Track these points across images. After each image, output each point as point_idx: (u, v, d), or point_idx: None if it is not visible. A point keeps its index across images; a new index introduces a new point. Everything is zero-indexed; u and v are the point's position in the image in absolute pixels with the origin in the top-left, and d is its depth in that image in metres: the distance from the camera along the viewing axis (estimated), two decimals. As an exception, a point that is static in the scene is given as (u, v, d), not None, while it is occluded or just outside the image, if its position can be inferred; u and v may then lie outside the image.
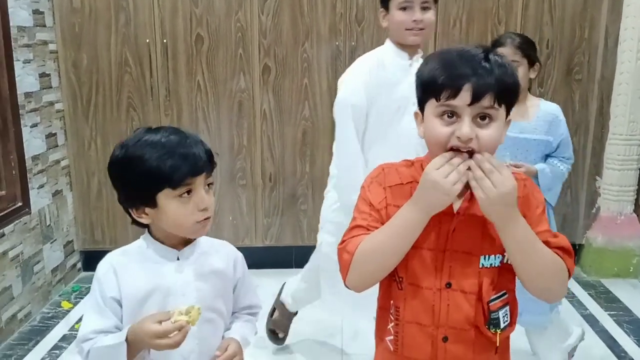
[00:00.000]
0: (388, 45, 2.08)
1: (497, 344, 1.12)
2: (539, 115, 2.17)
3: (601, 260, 3.42)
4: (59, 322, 2.92)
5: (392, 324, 1.16)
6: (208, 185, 1.21)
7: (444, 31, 3.24)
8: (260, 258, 3.47)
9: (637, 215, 3.46)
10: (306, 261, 3.50)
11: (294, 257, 3.51)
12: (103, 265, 1.23)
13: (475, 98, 1.01)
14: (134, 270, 1.21)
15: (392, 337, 1.16)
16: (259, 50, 3.21)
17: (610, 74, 3.31)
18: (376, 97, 2.02)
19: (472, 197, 1.08)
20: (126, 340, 1.13)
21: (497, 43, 2.17)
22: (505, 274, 1.13)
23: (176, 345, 1.11)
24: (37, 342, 2.72)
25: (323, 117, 3.33)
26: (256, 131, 3.33)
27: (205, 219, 1.19)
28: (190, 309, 1.12)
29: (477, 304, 1.10)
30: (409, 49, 2.04)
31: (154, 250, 1.23)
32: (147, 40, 3.19)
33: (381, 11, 2.06)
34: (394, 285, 1.15)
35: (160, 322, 1.11)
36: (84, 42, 3.19)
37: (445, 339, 1.12)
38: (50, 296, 3.14)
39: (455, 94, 1.02)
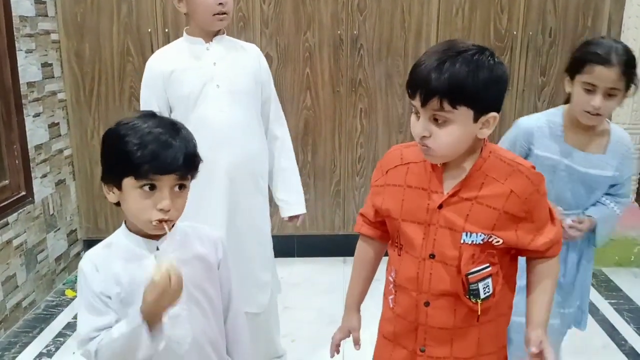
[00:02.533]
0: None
1: (479, 312, 1.21)
2: (611, 147, 1.78)
3: (602, 250, 3.41)
4: (63, 310, 2.95)
5: (391, 285, 1.32)
6: (179, 187, 1.17)
7: (447, 20, 3.23)
8: (262, 247, 3.48)
9: (639, 205, 3.46)
10: (307, 250, 3.53)
11: (296, 246, 3.53)
12: (85, 263, 1.21)
13: (424, 101, 1.11)
14: (115, 265, 1.19)
15: (392, 296, 1.32)
16: (261, 40, 3.21)
17: (613, 62, 3.29)
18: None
19: (465, 182, 1.19)
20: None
21: (600, 59, 1.66)
22: (488, 250, 1.20)
23: (178, 291, 1.08)
24: (41, 330, 2.75)
25: (325, 107, 3.33)
26: (258, 120, 3.33)
27: (161, 221, 1.14)
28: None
29: (457, 276, 1.20)
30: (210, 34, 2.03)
31: (133, 243, 1.21)
32: (149, 30, 3.19)
33: None
34: (396, 250, 1.30)
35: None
36: (86, 31, 3.19)
37: (426, 304, 1.24)
38: (55, 284, 3.17)
39: (413, 95, 1.14)
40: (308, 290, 3.13)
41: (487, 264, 1.20)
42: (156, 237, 1.21)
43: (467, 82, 1.09)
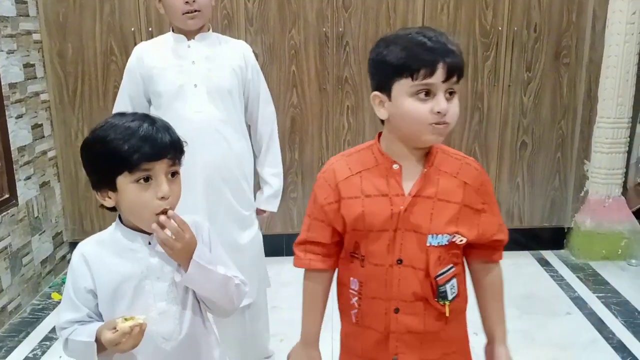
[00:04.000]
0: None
1: (447, 314, 1.21)
2: None
3: (590, 243, 3.45)
4: (49, 313, 2.91)
5: (356, 298, 1.25)
6: (172, 174, 1.18)
7: (432, 16, 3.22)
8: (250, 246, 3.47)
9: (625, 198, 3.48)
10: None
11: (285, 245, 3.51)
12: (75, 255, 1.23)
13: (449, 75, 1.10)
14: (106, 258, 1.21)
15: (355, 311, 1.26)
16: (246, 37, 3.19)
17: (598, 57, 3.31)
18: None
19: (423, 179, 1.18)
20: (96, 339, 1.15)
21: None
22: (452, 250, 1.21)
23: (132, 347, 1.12)
24: (27, 334, 2.72)
25: (312, 104, 3.32)
26: (244, 119, 3.31)
27: (163, 212, 1.15)
28: (130, 318, 1.12)
29: (426, 279, 1.19)
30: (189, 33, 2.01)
31: (125, 236, 1.21)
32: (133, 29, 3.16)
33: None
34: (357, 263, 1.23)
35: (114, 328, 1.11)
36: (69, 31, 3.15)
37: (396, 310, 1.21)
38: (40, 288, 3.13)
39: (432, 72, 1.10)
40: (297, 289, 3.08)
41: (452, 265, 1.21)
42: (149, 232, 1.21)
43: (462, 57, 1.15)
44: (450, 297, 1.20)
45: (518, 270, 3.34)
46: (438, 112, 1.10)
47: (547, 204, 3.52)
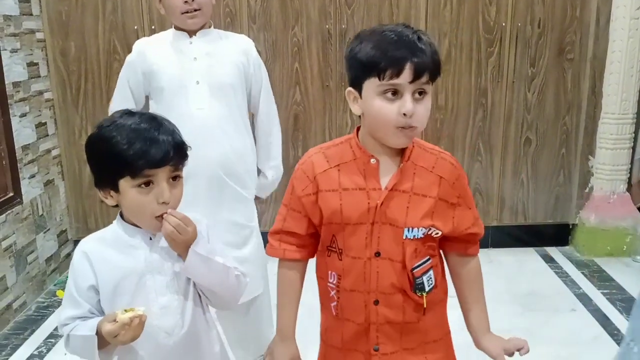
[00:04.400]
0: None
1: (425, 306, 1.22)
2: None
3: (594, 240, 3.43)
4: (54, 311, 2.92)
5: (334, 291, 1.26)
6: (173, 178, 1.19)
7: (435, 12, 3.21)
8: (254, 244, 3.47)
9: (630, 194, 3.46)
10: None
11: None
12: (77, 253, 1.24)
13: (416, 76, 1.09)
14: (107, 254, 1.22)
15: (335, 303, 1.27)
16: (249, 35, 3.16)
17: (602, 52, 3.29)
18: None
19: (399, 174, 1.19)
20: (97, 333, 1.15)
21: None
22: (428, 242, 1.22)
23: (132, 339, 1.12)
24: (32, 332, 2.73)
25: (314, 102, 3.31)
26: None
27: (162, 215, 1.17)
28: (130, 309, 1.13)
29: (403, 271, 1.20)
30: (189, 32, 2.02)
31: (126, 232, 1.23)
32: (135, 27, 3.16)
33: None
34: (334, 256, 1.24)
35: (114, 320, 1.12)
36: (72, 30, 3.16)
37: (376, 302, 1.22)
38: (45, 285, 3.14)
39: (398, 73, 1.09)
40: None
41: (428, 257, 1.23)
42: None
43: (438, 56, 1.14)
44: (427, 288, 1.22)
45: (522, 266, 3.34)
46: (404, 114, 1.10)
47: (552, 200, 3.51)
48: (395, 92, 1.11)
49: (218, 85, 2.00)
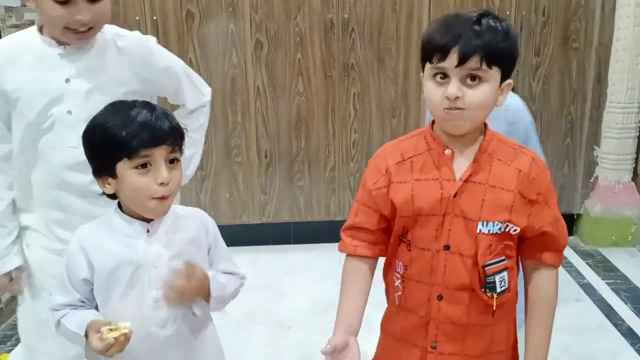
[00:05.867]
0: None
1: (494, 307, 1.16)
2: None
3: (599, 229, 3.42)
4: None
5: (399, 280, 1.22)
6: (171, 161, 1.18)
7: (438, 1, 3.18)
8: (258, 235, 3.48)
9: (635, 184, 3.44)
10: (304, 237, 3.51)
11: (292, 233, 3.51)
12: (73, 242, 1.23)
13: (462, 60, 1.06)
14: (104, 242, 1.21)
15: (399, 293, 1.23)
16: (251, 25, 3.17)
17: (607, 40, 3.26)
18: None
19: (475, 165, 1.14)
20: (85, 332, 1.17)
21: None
22: (505, 242, 1.16)
23: (118, 352, 1.13)
24: (37, 323, 2.74)
25: (317, 92, 3.30)
26: (250, 107, 3.30)
27: (162, 197, 1.16)
28: (115, 327, 1.13)
29: (473, 268, 1.14)
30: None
31: (124, 223, 1.22)
32: (137, 18, 3.14)
33: None
34: (404, 246, 1.21)
35: (99, 333, 1.12)
36: (73, 21, 3.14)
37: (440, 298, 1.17)
38: (50, 277, 3.15)
39: (444, 56, 1.07)
40: (303, 277, 3.12)
41: (503, 257, 1.16)
42: (148, 220, 1.22)
43: (503, 41, 1.09)
44: (499, 289, 1.15)
45: (526, 257, 3.32)
46: (446, 97, 1.08)
47: (557, 190, 3.46)
48: (445, 76, 1.09)
49: None
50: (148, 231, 1.22)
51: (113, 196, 1.23)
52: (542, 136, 3.40)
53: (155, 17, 3.14)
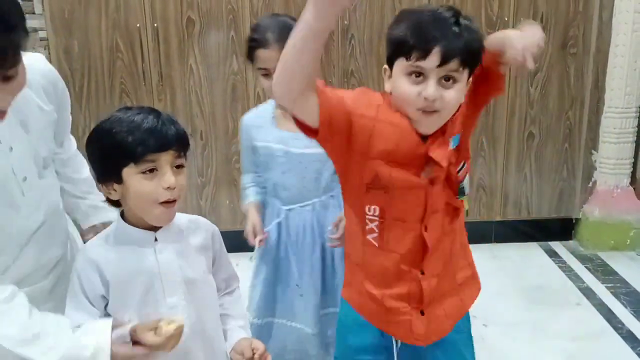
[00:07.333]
0: None
1: (467, 208, 1.21)
2: None
3: (598, 234, 3.43)
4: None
5: (376, 223, 1.21)
6: (177, 167, 1.19)
7: (439, 3, 3.20)
8: (258, 240, 3.48)
9: (634, 188, 3.46)
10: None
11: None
12: (82, 261, 1.21)
13: (444, 61, 1.07)
14: (114, 256, 1.20)
15: (375, 235, 1.23)
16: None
17: (605, 46, 3.28)
18: None
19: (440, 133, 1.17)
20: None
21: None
22: (462, 145, 1.22)
23: (173, 346, 1.13)
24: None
25: (317, 98, 3.30)
26: (251, 114, 3.31)
27: (168, 202, 1.17)
28: (172, 320, 1.13)
29: (447, 183, 1.20)
30: None
31: (130, 234, 1.21)
32: (138, 25, 3.16)
33: None
34: (375, 192, 1.19)
35: (154, 331, 1.11)
36: (74, 28, 3.15)
37: (425, 228, 1.20)
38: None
39: (424, 55, 1.08)
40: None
41: (463, 161, 1.23)
42: (154, 229, 1.22)
43: (477, 41, 1.12)
44: (467, 191, 1.26)
45: (526, 261, 3.33)
46: (425, 98, 1.09)
47: (555, 195, 3.51)
48: (420, 74, 1.10)
49: (31, 160, 1.23)
50: (156, 239, 1.22)
51: (117, 203, 1.22)
52: (540, 141, 3.42)
53: (156, 24, 3.15)
